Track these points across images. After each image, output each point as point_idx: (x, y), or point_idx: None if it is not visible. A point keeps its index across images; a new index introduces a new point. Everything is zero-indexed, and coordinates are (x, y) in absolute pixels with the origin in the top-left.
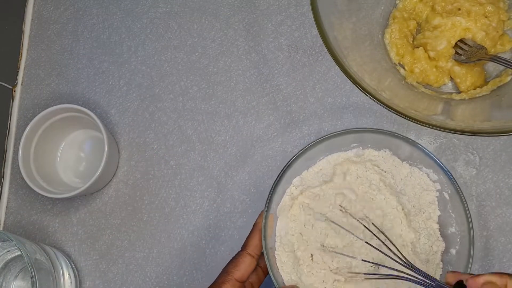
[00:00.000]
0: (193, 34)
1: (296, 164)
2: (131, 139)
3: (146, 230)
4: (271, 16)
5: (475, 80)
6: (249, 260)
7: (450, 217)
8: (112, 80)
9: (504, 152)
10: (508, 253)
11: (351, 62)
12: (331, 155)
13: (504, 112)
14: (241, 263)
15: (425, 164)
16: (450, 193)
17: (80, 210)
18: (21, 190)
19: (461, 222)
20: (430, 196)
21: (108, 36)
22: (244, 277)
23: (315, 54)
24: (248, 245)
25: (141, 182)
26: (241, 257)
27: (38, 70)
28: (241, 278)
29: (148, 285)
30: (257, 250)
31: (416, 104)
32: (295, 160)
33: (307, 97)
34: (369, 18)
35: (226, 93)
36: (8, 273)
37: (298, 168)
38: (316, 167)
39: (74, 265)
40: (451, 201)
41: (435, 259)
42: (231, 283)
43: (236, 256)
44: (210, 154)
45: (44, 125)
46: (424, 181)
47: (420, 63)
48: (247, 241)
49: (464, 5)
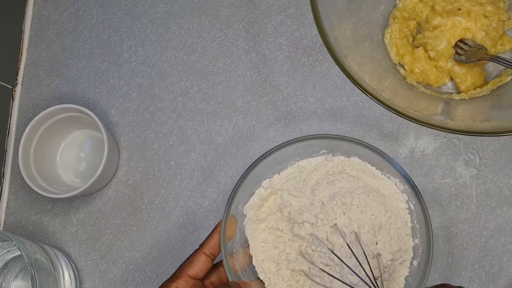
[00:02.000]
0: (193, 34)
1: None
2: (131, 139)
3: (146, 230)
4: (271, 16)
5: (475, 80)
6: (204, 258)
7: (415, 228)
8: (112, 80)
9: (504, 152)
10: (508, 253)
11: (351, 62)
12: (302, 161)
13: (504, 112)
14: (195, 261)
15: (392, 173)
16: (414, 203)
17: (80, 210)
18: (21, 190)
19: (423, 233)
20: (401, 205)
21: (108, 36)
22: (199, 275)
23: (315, 54)
24: (205, 244)
25: (141, 182)
26: (196, 255)
27: (38, 70)
28: (195, 275)
29: (148, 285)
30: (212, 250)
31: (416, 104)
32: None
33: (307, 97)
34: (369, 18)
35: (226, 93)
36: (8, 273)
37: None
38: (286, 171)
39: (74, 265)
40: (416, 212)
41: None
42: (184, 279)
43: (192, 254)
44: (210, 154)
45: (44, 125)
46: (394, 190)
47: (420, 63)
48: (205, 240)
49: (464, 5)
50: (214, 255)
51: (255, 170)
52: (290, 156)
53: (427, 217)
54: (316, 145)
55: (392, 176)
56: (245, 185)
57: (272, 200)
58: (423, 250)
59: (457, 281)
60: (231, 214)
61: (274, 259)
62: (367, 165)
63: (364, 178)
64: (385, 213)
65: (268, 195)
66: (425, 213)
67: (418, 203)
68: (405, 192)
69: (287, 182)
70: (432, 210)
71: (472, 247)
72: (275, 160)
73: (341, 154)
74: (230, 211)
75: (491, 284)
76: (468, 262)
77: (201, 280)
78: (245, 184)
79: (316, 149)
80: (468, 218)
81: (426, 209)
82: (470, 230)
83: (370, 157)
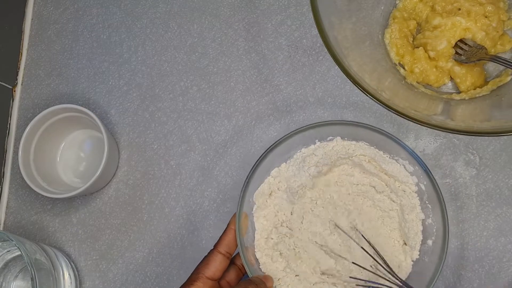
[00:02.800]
0: (193, 34)
1: (272, 157)
2: (131, 139)
3: (146, 230)
4: (271, 16)
5: (475, 80)
6: (220, 258)
7: (427, 208)
8: (112, 80)
9: (504, 152)
10: (508, 253)
11: (351, 62)
12: (307, 148)
13: (504, 112)
14: (211, 261)
15: (401, 156)
16: (426, 184)
17: (80, 210)
18: (21, 190)
19: (436, 213)
20: (410, 188)
21: (108, 36)
22: (216, 276)
23: (315, 54)
24: (220, 244)
25: (141, 182)
26: (211, 256)
27: (38, 70)
28: (212, 276)
29: (148, 285)
30: (228, 248)
31: (416, 104)
32: (270, 153)
33: (307, 97)
34: (369, 18)
35: (226, 93)
36: (8, 273)
37: (274, 161)
38: (294, 159)
39: (74, 265)
40: (427, 192)
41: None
42: (202, 281)
43: (207, 255)
44: (210, 154)
45: (44, 125)
46: (404, 173)
47: (420, 63)
48: (219, 240)
49: (464, 5)
50: (230, 253)
51: (264, 162)
52: (296, 145)
53: (439, 195)
54: (324, 132)
55: (401, 159)
56: (256, 176)
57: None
58: (438, 228)
59: (457, 281)
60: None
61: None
62: (375, 149)
63: (370, 167)
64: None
65: (278, 183)
66: (437, 191)
67: (430, 182)
68: (414, 174)
69: (292, 167)
70: None
71: (472, 247)
72: (282, 150)
73: (349, 140)
74: (243, 204)
75: (491, 284)
76: (468, 262)
77: (218, 281)
78: (256, 175)
79: (324, 136)
80: (468, 218)
81: (438, 188)
82: (470, 230)
83: (377, 141)
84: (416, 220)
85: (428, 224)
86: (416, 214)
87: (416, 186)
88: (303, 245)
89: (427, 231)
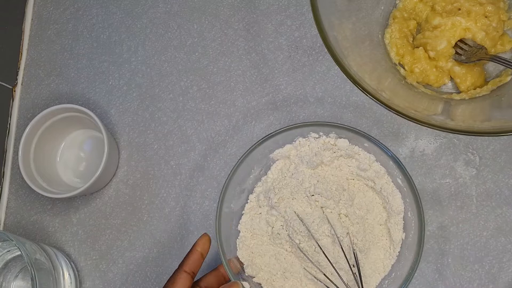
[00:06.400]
0: (193, 34)
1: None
2: (131, 139)
3: (146, 230)
4: (271, 16)
5: (475, 80)
6: (185, 276)
7: (406, 202)
8: (112, 80)
9: (504, 152)
10: (508, 253)
11: (351, 62)
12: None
13: (504, 112)
14: (177, 280)
15: (376, 152)
16: (401, 178)
17: (80, 210)
18: (21, 190)
19: (413, 206)
20: (389, 185)
21: (108, 36)
22: None
23: (315, 54)
24: (185, 263)
25: (141, 182)
26: (177, 275)
27: (38, 70)
28: None
29: (148, 285)
30: (193, 268)
31: (416, 104)
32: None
33: (307, 97)
34: (369, 18)
35: (226, 93)
36: (8, 273)
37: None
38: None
39: (74, 265)
40: (405, 187)
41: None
42: None
43: (173, 274)
44: (210, 154)
45: (44, 125)
46: (383, 170)
47: (420, 63)
48: (184, 259)
49: (464, 5)
50: (194, 272)
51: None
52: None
53: (413, 187)
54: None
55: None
56: (235, 179)
57: None
58: (415, 221)
59: (457, 281)
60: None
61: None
62: (355, 147)
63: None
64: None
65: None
66: (411, 184)
67: (404, 176)
68: (390, 168)
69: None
70: (432, 210)
71: (472, 247)
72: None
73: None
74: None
75: (491, 284)
76: (468, 262)
77: None
78: (235, 178)
79: (305, 134)
80: (468, 218)
81: (411, 180)
82: (470, 230)
83: (357, 141)
84: (399, 215)
85: (407, 218)
86: (397, 208)
87: (393, 182)
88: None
89: (407, 226)
